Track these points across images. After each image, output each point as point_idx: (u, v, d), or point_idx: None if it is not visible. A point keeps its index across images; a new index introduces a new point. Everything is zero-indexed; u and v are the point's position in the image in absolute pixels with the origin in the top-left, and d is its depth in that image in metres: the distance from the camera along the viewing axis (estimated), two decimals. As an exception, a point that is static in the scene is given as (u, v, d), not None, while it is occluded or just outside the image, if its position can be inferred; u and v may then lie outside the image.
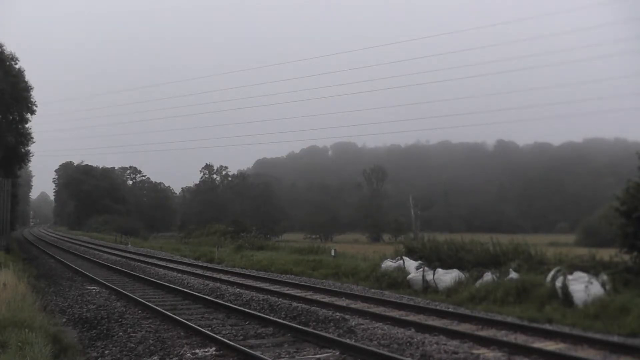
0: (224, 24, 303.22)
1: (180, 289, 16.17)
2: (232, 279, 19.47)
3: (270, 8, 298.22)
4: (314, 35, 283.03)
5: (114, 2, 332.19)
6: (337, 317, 11.51)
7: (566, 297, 11.99)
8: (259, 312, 12.25)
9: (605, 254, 13.65)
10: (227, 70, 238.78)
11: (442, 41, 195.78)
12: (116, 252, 36.25)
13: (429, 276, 15.81)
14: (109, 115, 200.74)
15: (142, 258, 30.62)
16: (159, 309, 12.27)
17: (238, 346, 8.62)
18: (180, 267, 25.02)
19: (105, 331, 10.40)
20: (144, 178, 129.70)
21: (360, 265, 20.06)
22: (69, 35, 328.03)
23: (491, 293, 13.43)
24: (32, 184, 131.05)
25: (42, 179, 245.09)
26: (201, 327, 10.22)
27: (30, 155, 44.01)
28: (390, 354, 8.05)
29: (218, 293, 15.72)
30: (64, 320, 11.69)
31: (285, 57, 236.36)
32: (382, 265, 18.27)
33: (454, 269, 15.66)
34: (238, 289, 16.55)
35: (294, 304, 13.37)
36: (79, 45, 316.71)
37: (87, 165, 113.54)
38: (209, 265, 26.82)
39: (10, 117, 39.04)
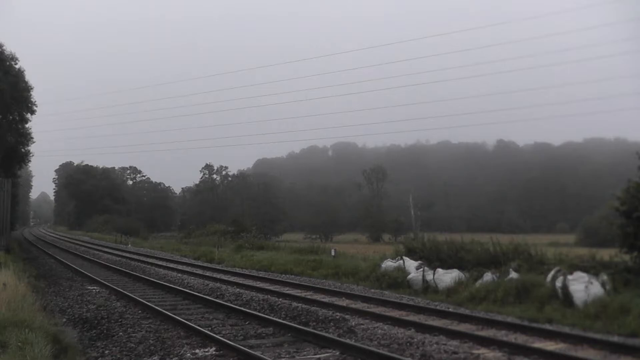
0: (225, 25, 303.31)
1: (180, 289, 16.17)
2: (232, 279, 19.46)
3: (270, 9, 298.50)
4: (314, 36, 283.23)
5: (115, 3, 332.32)
6: (337, 317, 11.50)
7: (566, 297, 11.98)
8: (259, 312, 12.25)
9: (605, 254, 13.63)
10: (227, 71, 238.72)
11: (442, 41, 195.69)
12: (116, 252, 36.25)
13: (429, 276, 15.81)
14: (109, 115, 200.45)
15: (142, 258, 30.62)
16: (159, 309, 12.27)
17: (238, 346, 8.61)
18: (180, 267, 25.02)
19: (105, 331, 10.40)
20: (144, 178, 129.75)
21: (360, 265, 20.06)
22: (69, 35, 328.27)
23: (491, 293, 13.43)
24: (32, 184, 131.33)
25: (42, 179, 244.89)
26: (201, 327, 10.21)
27: (30, 155, 44.06)
28: (390, 354, 8.05)
29: (218, 293, 15.72)
30: (64, 320, 11.68)
31: (286, 57, 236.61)
32: (382, 265, 18.28)
33: (454, 269, 15.66)
34: (238, 289, 16.54)
35: (294, 304, 13.36)
36: (79, 45, 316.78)
37: (87, 165, 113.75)
38: (209, 265, 26.82)
39: (10, 117, 39.04)
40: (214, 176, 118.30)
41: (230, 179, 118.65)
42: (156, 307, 12.44)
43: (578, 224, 75.74)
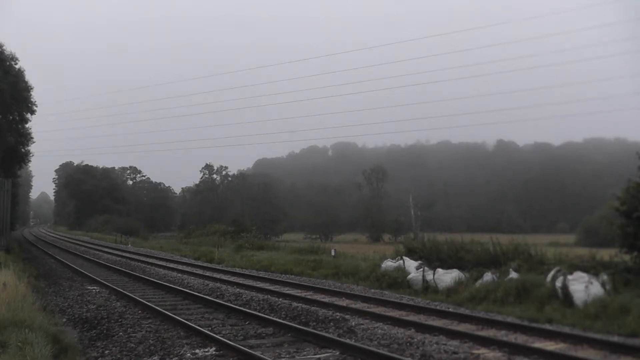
0: (225, 25, 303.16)
1: (180, 289, 16.16)
2: (232, 279, 19.46)
3: (270, 9, 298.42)
4: (314, 36, 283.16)
5: (115, 3, 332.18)
6: (337, 317, 11.50)
7: (566, 297, 11.98)
8: (259, 312, 12.25)
9: (605, 254, 13.63)
10: (227, 71, 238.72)
11: (442, 41, 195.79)
12: (116, 252, 36.25)
13: (429, 276, 15.81)
14: (109, 115, 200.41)
15: (142, 258, 30.62)
16: (159, 309, 12.26)
17: (238, 346, 8.61)
18: (180, 267, 25.02)
19: (105, 331, 10.40)
20: (144, 178, 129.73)
21: (360, 265, 20.05)
22: (69, 35, 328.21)
23: (491, 293, 13.43)
24: (32, 184, 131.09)
25: (42, 179, 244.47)
26: (201, 327, 10.22)
27: (30, 155, 44.06)
28: (390, 354, 8.05)
29: (218, 293, 15.72)
30: (64, 320, 11.69)
31: (286, 57, 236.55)
32: (382, 265, 18.27)
33: (454, 269, 15.66)
34: (238, 289, 16.54)
35: (294, 304, 13.36)
36: (79, 45, 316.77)
37: (87, 165, 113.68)
38: (209, 265, 26.81)
39: (10, 117, 39.00)
40: (214, 176, 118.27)
41: (230, 179, 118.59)
42: (156, 307, 12.44)
43: (578, 224, 75.66)
